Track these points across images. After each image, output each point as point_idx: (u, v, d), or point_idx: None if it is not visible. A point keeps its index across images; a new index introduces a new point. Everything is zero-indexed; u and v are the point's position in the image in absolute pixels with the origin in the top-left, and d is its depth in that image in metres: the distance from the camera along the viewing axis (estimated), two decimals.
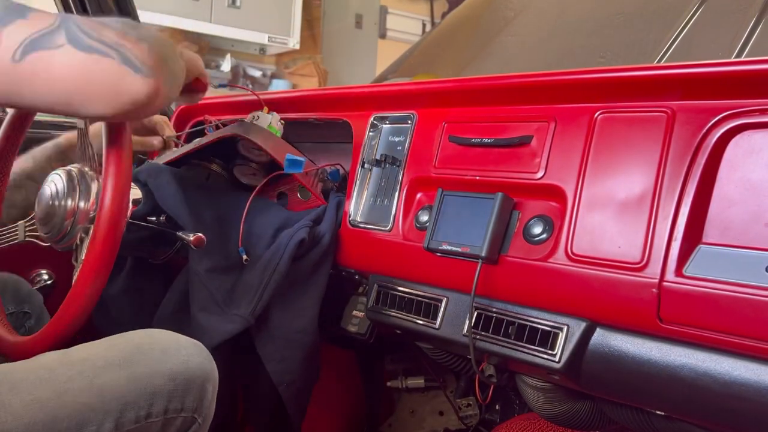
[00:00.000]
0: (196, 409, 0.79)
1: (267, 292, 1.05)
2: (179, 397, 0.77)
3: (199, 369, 0.80)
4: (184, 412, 0.78)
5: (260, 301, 1.05)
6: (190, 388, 0.78)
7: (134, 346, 0.79)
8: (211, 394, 0.82)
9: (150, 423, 0.75)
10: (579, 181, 0.82)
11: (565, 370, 0.80)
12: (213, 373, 0.83)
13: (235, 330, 1.04)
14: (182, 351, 0.80)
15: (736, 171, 0.71)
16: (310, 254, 1.08)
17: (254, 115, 1.18)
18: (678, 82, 0.77)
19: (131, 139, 0.84)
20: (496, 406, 1.39)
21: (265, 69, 4.39)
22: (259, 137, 1.14)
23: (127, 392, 0.73)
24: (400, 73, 1.82)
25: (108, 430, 0.71)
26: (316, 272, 1.10)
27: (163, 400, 0.76)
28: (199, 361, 0.81)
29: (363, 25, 4.69)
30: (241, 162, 1.26)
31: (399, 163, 1.05)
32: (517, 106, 0.93)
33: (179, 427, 0.78)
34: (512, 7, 1.76)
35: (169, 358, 0.78)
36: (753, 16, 1.10)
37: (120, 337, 0.81)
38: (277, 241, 1.07)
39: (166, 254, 1.21)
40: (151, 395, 0.75)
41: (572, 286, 0.80)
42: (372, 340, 1.13)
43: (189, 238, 0.99)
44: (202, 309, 1.08)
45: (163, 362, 0.78)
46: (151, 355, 0.78)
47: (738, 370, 0.68)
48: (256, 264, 1.07)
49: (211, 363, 0.83)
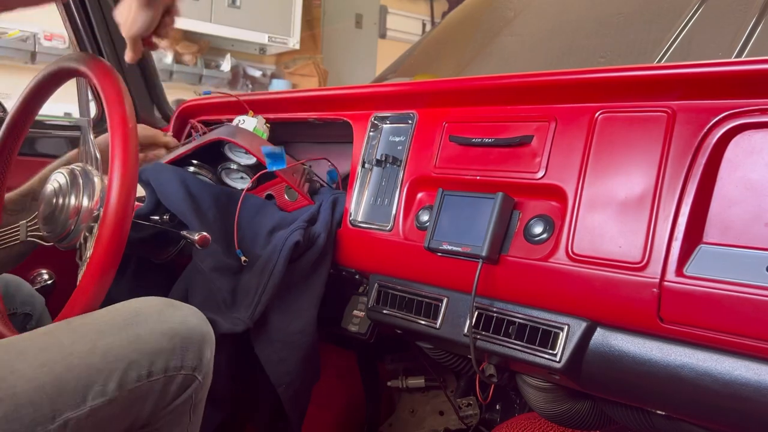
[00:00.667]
0: (195, 368, 0.82)
1: (265, 296, 1.05)
2: (178, 355, 0.80)
3: (196, 329, 0.84)
4: (184, 369, 0.81)
5: (258, 305, 1.05)
6: (188, 346, 0.82)
7: (133, 310, 0.82)
8: (210, 355, 0.85)
9: (152, 381, 0.78)
10: (579, 180, 0.82)
11: (566, 369, 0.80)
12: (210, 335, 0.86)
13: (235, 330, 1.04)
14: (178, 312, 0.84)
15: (737, 171, 0.71)
16: (307, 255, 1.08)
17: (240, 119, 1.21)
18: (678, 82, 0.77)
19: (137, 136, 0.85)
20: (497, 405, 1.40)
21: (265, 69, 4.40)
22: (244, 140, 1.16)
23: (128, 352, 0.76)
24: (400, 73, 1.82)
25: (112, 389, 0.74)
26: (314, 273, 1.10)
27: (163, 359, 0.79)
28: (195, 322, 0.85)
29: (363, 24, 4.69)
30: (227, 165, 1.26)
31: (399, 163, 1.05)
32: (517, 105, 0.93)
33: (180, 385, 0.81)
34: (512, 7, 1.76)
35: (166, 319, 0.82)
36: (753, 16, 1.09)
37: (118, 304, 0.84)
38: (272, 242, 1.08)
39: (169, 253, 1.21)
40: (152, 354, 0.78)
41: (573, 286, 0.80)
42: (372, 339, 1.13)
43: (194, 237, 1.00)
44: (203, 306, 1.08)
45: (161, 323, 0.81)
46: (149, 317, 0.81)
47: (738, 370, 0.68)
48: (254, 266, 1.07)
49: (207, 326, 0.86)
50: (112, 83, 0.86)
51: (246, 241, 1.11)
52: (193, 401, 0.83)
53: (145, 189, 1.12)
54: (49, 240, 0.95)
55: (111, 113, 0.84)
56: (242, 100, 1.28)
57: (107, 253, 0.80)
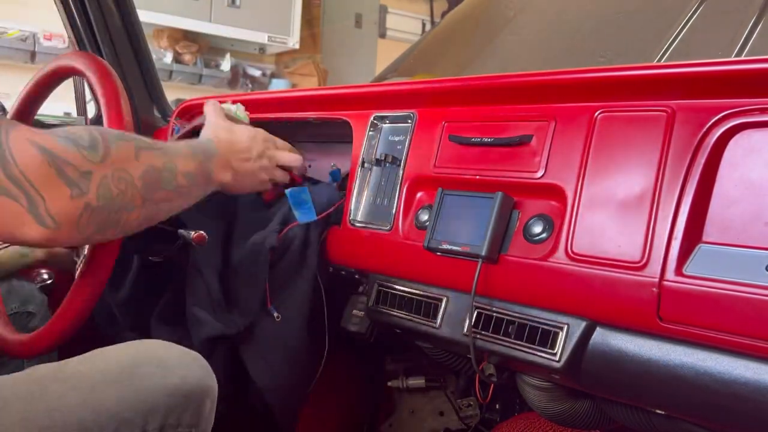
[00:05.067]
0: (193, 425, 0.77)
1: (254, 303, 1.05)
2: (176, 414, 0.75)
3: (197, 384, 0.78)
4: (181, 427, 0.76)
5: (251, 314, 1.05)
6: (189, 404, 0.76)
7: (131, 359, 0.76)
8: (210, 408, 0.80)
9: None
10: (579, 180, 0.82)
11: (565, 369, 0.80)
12: (212, 387, 0.80)
13: (227, 333, 1.04)
14: (181, 365, 0.78)
15: (736, 170, 0.71)
16: (286, 258, 1.07)
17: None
18: (678, 81, 0.77)
19: None
20: (497, 405, 1.40)
21: (265, 68, 4.40)
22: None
23: (122, 409, 0.71)
24: (399, 73, 1.82)
25: None
26: (296, 278, 1.08)
27: (159, 417, 0.74)
28: (198, 375, 0.78)
29: (363, 24, 4.69)
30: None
31: (399, 163, 1.05)
32: (517, 105, 0.93)
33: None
34: (512, 7, 1.76)
35: (166, 373, 0.76)
36: (753, 16, 1.09)
37: (116, 348, 0.79)
38: (250, 246, 1.07)
39: (167, 252, 1.21)
40: (147, 412, 0.73)
41: (572, 286, 0.80)
42: (372, 339, 1.13)
43: (190, 235, 0.99)
44: (197, 304, 1.08)
45: (161, 377, 0.75)
46: (147, 370, 0.75)
47: (738, 370, 0.68)
48: (240, 270, 1.07)
49: (210, 376, 0.80)
50: (108, 83, 0.86)
51: (234, 241, 1.11)
52: None
53: None
54: None
55: (107, 113, 0.84)
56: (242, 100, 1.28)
57: (103, 250, 0.80)
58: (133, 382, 0.74)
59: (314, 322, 1.16)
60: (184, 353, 0.80)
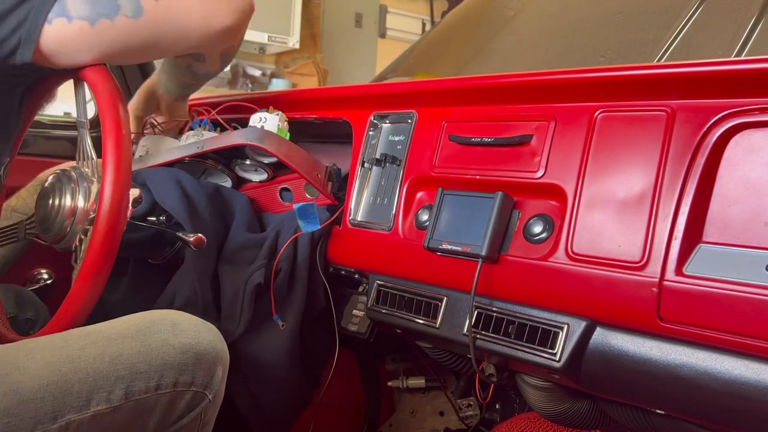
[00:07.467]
0: (206, 386, 0.80)
1: (241, 326, 1.06)
2: (189, 371, 0.79)
3: (209, 346, 0.82)
4: (194, 386, 0.79)
5: (238, 328, 1.06)
6: (200, 363, 0.80)
7: (147, 321, 0.81)
8: (221, 376, 0.83)
9: (159, 394, 0.76)
10: (579, 180, 0.82)
11: (565, 369, 0.80)
12: (224, 353, 0.84)
13: None
14: (193, 327, 0.82)
15: (736, 170, 0.71)
16: (269, 294, 1.07)
17: (261, 117, 1.12)
18: (678, 81, 0.77)
19: (131, 140, 0.84)
20: (497, 405, 1.39)
21: (265, 68, 4.39)
22: (273, 145, 1.10)
23: (138, 362, 0.76)
24: (399, 73, 1.81)
25: (118, 397, 0.73)
26: (283, 308, 1.09)
27: (173, 372, 0.77)
28: (210, 338, 0.83)
29: (363, 24, 4.69)
30: (243, 161, 1.24)
31: (399, 163, 1.05)
32: (517, 105, 0.93)
33: (189, 402, 0.79)
34: (512, 7, 1.76)
35: (180, 332, 0.80)
36: (753, 16, 1.09)
37: (133, 315, 0.83)
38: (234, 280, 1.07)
39: (165, 254, 1.20)
40: (162, 366, 0.77)
41: (572, 285, 0.80)
42: (372, 339, 1.13)
43: (189, 238, 0.99)
44: (186, 306, 1.08)
45: (175, 335, 0.80)
46: (162, 329, 0.80)
47: (738, 369, 0.68)
48: (229, 293, 1.08)
49: (222, 343, 0.84)
50: (106, 86, 0.86)
51: (227, 250, 1.12)
52: (201, 420, 0.82)
53: (140, 190, 1.11)
54: (46, 241, 0.95)
55: (104, 117, 0.84)
56: (241, 99, 1.28)
57: (100, 254, 0.80)
58: (148, 339, 0.78)
59: (320, 330, 1.16)
60: (198, 321, 0.85)
